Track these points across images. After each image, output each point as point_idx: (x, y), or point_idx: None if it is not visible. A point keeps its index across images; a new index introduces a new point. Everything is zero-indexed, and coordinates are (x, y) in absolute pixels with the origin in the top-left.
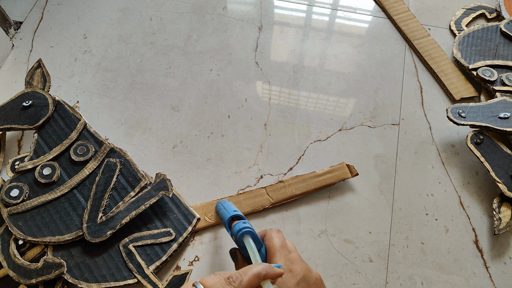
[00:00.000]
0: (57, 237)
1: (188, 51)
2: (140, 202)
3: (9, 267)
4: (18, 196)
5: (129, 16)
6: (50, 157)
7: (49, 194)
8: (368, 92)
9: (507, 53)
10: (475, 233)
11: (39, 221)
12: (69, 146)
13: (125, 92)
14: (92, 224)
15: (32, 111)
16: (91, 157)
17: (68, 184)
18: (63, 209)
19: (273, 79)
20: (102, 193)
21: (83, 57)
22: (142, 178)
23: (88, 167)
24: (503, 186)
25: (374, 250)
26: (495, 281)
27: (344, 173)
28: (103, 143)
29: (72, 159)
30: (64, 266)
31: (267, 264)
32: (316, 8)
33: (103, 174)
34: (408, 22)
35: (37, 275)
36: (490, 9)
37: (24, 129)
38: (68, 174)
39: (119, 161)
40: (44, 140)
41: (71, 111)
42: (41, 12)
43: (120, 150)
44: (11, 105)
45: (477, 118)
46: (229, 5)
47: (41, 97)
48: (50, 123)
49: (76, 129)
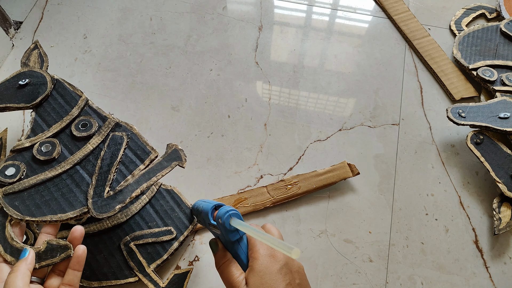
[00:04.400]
0: (59, 215)
1: (188, 51)
2: (151, 173)
3: (5, 251)
4: (15, 175)
5: (129, 16)
6: (49, 134)
7: (49, 172)
8: (368, 92)
9: (507, 53)
10: (475, 233)
11: (38, 200)
12: (70, 122)
13: (125, 92)
14: (98, 199)
15: (29, 90)
16: (94, 132)
17: (70, 160)
18: (65, 186)
19: (273, 79)
20: (109, 167)
21: (83, 57)
22: (152, 151)
23: (91, 142)
24: (503, 186)
25: (374, 250)
26: (495, 281)
27: (345, 172)
28: (107, 118)
29: (74, 135)
30: (71, 248)
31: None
32: (316, 8)
33: (109, 148)
34: (408, 22)
35: (39, 259)
36: (490, 9)
37: (20, 108)
38: (70, 150)
39: (125, 135)
40: (43, 119)
41: (71, 88)
42: (41, 12)
43: (126, 124)
44: (6, 84)
45: (477, 118)
46: (229, 5)
47: (38, 75)
48: (49, 101)
49: (77, 106)
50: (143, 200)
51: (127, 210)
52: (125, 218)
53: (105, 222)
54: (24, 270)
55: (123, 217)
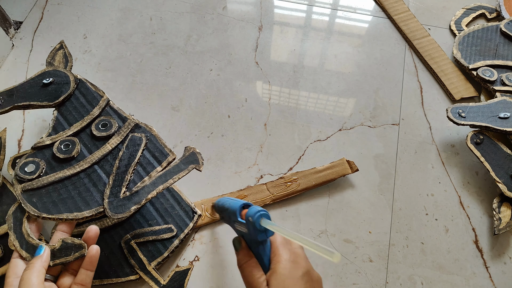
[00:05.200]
0: (75, 214)
1: (188, 51)
2: (168, 176)
3: (21, 247)
4: (34, 172)
5: (129, 16)
6: (70, 132)
7: (67, 170)
8: (368, 92)
9: (507, 53)
10: (475, 233)
11: (55, 197)
12: (90, 122)
13: (125, 92)
14: (114, 199)
15: (53, 88)
16: (114, 132)
17: (88, 159)
18: (82, 185)
19: (273, 79)
20: (126, 168)
21: (83, 57)
22: (170, 153)
23: (110, 142)
24: (503, 186)
25: (374, 250)
26: (495, 281)
27: (344, 169)
28: (127, 118)
29: (94, 134)
30: (85, 248)
31: None
32: (316, 8)
33: (127, 149)
34: (408, 22)
35: (54, 257)
36: (490, 9)
37: (43, 106)
38: (89, 150)
39: (144, 136)
40: (64, 117)
41: (93, 89)
42: (41, 12)
43: (145, 125)
44: (31, 83)
45: (477, 118)
46: (229, 5)
47: (62, 75)
48: (71, 100)
49: (99, 106)
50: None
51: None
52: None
53: (106, 221)
54: (40, 268)
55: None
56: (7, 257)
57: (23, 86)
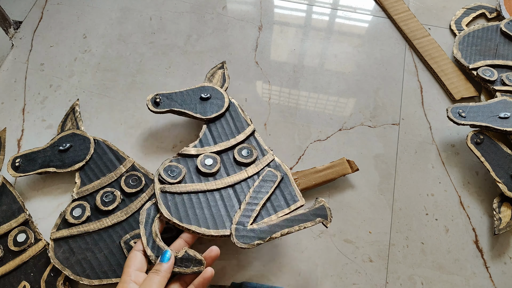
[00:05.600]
0: (203, 229)
1: (188, 50)
2: (295, 222)
3: (147, 245)
4: (176, 176)
5: (128, 16)
6: (214, 149)
7: (205, 184)
8: (368, 92)
9: (507, 52)
10: (475, 233)
11: (188, 207)
12: (234, 145)
13: (124, 91)
14: (241, 228)
15: (209, 104)
16: (253, 161)
17: (225, 180)
18: (214, 203)
19: (273, 79)
20: (258, 200)
21: (82, 56)
22: (300, 199)
23: (248, 170)
24: (503, 186)
25: (374, 250)
26: (495, 281)
27: (344, 169)
28: (267, 152)
29: (235, 158)
30: (203, 265)
31: None
32: (316, 8)
33: (263, 182)
34: (408, 22)
35: (174, 263)
36: (490, 8)
37: (195, 117)
38: (227, 171)
39: (280, 174)
40: (211, 134)
41: (243, 115)
42: (41, 12)
43: (281, 163)
44: (190, 93)
45: (477, 118)
46: (229, 4)
47: (219, 94)
48: (221, 120)
49: (244, 133)
50: (143, 199)
51: (127, 208)
52: (125, 217)
53: (105, 221)
54: (165, 275)
55: (123, 215)
56: (6, 257)
57: (182, 94)
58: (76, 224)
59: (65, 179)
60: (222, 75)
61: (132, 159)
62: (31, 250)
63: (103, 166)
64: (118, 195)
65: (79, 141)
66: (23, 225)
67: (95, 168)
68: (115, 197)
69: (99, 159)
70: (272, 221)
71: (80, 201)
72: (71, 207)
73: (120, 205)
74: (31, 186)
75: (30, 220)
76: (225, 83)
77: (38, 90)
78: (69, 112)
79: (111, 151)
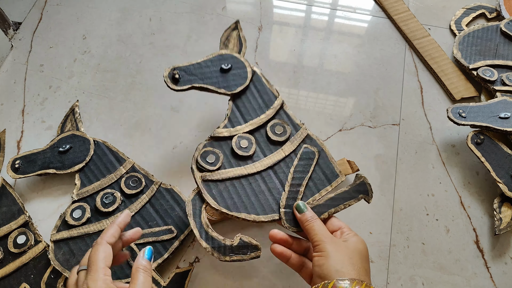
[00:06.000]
0: (253, 216)
1: (187, 51)
2: (339, 201)
3: (201, 237)
4: (215, 163)
5: (128, 17)
6: (246, 129)
7: (245, 168)
8: (368, 92)
9: (507, 52)
10: (475, 233)
11: (234, 194)
12: (266, 122)
13: (124, 92)
14: (290, 211)
15: (231, 76)
16: (287, 138)
17: (264, 162)
18: (257, 187)
19: (273, 79)
20: (300, 180)
21: (82, 57)
22: (340, 174)
23: (284, 149)
24: (504, 186)
25: (375, 251)
26: (496, 281)
27: (345, 169)
28: (300, 127)
29: (269, 137)
30: (260, 250)
31: None
32: (315, 8)
33: (301, 160)
34: (408, 22)
35: (231, 252)
36: (490, 8)
37: (220, 93)
38: (263, 151)
39: (317, 150)
40: (239, 111)
41: (268, 86)
42: (40, 13)
43: (317, 138)
44: (208, 64)
45: (477, 118)
46: (228, 5)
47: (240, 62)
48: (246, 94)
49: (274, 107)
50: (143, 200)
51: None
52: None
53: (105, 222)
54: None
55: None
56: (6, 259)
57: (200, 66)
58: (76, 226)
59: (65, 181)
60: (238, 37)
61: (132, 160)
62: (31, 252)
63: (103, 168)
64: (118, 197)
65: (79, 142)
66: (23, 227)
67: (95, 170)
68: (115, 199)
69: (99, 160)
70: (318, 201)
71: (80, 203)
72: (71, 208)
73: (120, 207)
74: (31, 187)
75: (30, 222)
76: (242, 48)
77: (37, 91)
78: (69, 113)
79: (111, 152)
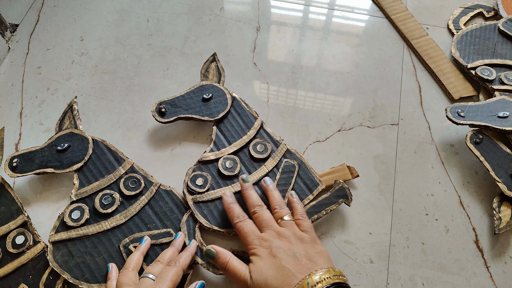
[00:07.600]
0: None
1: (185, 52)
2: (321, 207)
3: (196, 254)
4: (203, 186)
5: (125, 18)
6: (230, 150)
7: (232, 187)
8: (367, 92)
9: (505, 51)
10: (475, 232)
11: (222, 212)
12: (248, 142)
13: (122, 94)
14: None
15: (213, 104)
16: (269, 155)
17: (250, 179)
18: (245, 203)
19: (271, 80)
20: (284, 192)
21: (80, 59)
22: (320, 183)
23: (267, 165)
24: (503, 185)
25: (375, 251)
26: (496, 281)
27: (344, 175)
28: (280, 143)
29: (252, 155)
30: None
31: None
32: (313, 8)
33: (283, 174)
34: (406, 22)
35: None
36: (488, 7)
37: (204, 120)
38: (248, 169)
39: (296, 163)
40: (223, 134)
41: (247, 108)
42: (37, 15)
43: (296, 151)
44: (191, 95)
45: (476, 117)
46: (226, 5)
47: (220, 91)
48: (228, 118)
49: (254, 127)
50: (142, 202)
51: (126, 211)
52: (124, 220)
53: (104, 224)
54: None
55: (122, 219)
56: (5, 259)
57: (184, 98)
58: (75, 227)
59: (64, 182)
60: (216, 68)
61: (131, 160)
62: (30, 253)
63: (102, 167)
64: (117, 198)
65: (78, 141)
66: (21, 227)
67: (93, 169)
68: (114, 200)
69: (97, 159)
70: None
71: (79, 203)
72: (69, 209)
73: (119, 208)
74: (30, 188)
75: (28, 222)
76: (221, 77)
77: (35, 93)
78: (67, 110)
79: (110, 152)
